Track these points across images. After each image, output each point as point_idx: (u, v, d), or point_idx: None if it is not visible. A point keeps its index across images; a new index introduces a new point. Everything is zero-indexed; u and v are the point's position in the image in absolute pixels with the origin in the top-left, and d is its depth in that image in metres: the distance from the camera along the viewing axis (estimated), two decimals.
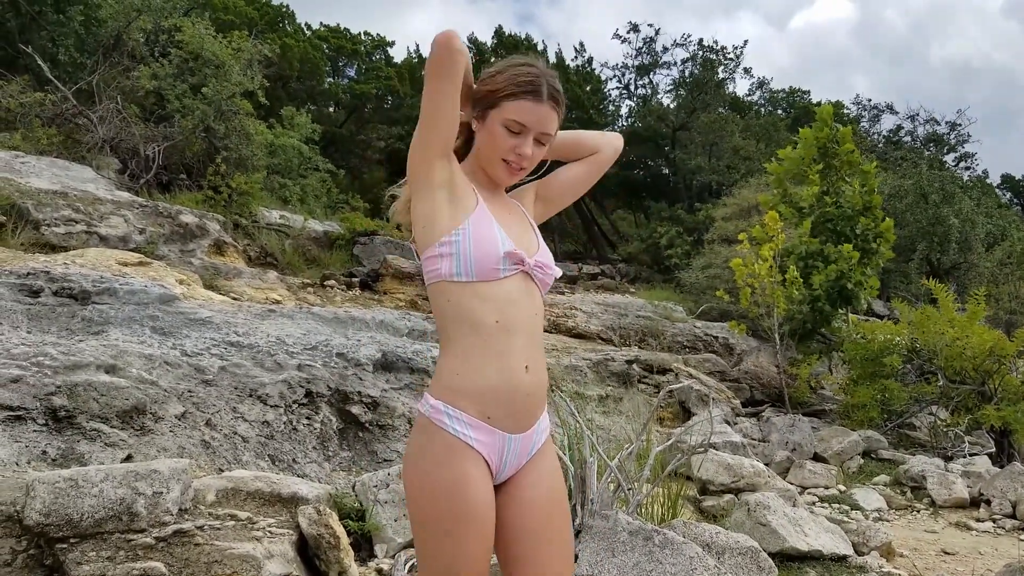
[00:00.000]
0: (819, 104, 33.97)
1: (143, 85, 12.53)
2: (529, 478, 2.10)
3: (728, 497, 5.94)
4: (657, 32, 30.15)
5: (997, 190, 36.99)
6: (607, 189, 29.28)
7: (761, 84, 34.00)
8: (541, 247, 2.18)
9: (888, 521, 6.52)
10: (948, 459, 8.38)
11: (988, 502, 6.77)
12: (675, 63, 29.90)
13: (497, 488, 2.07)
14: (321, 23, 29.18)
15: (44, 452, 4.20)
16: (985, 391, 9.04)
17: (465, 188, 2.09)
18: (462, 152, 2.23)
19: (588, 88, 27.81)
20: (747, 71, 40.29)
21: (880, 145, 30.82)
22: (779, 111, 34.59)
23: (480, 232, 2.01)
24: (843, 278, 10.69)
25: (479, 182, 2.17)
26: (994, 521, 6.47)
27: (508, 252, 2.01)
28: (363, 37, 30.16)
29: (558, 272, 2.18)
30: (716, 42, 29.60)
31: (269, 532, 3.73)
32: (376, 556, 4.23)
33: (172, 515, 3.48)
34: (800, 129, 12.44)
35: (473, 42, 28.69)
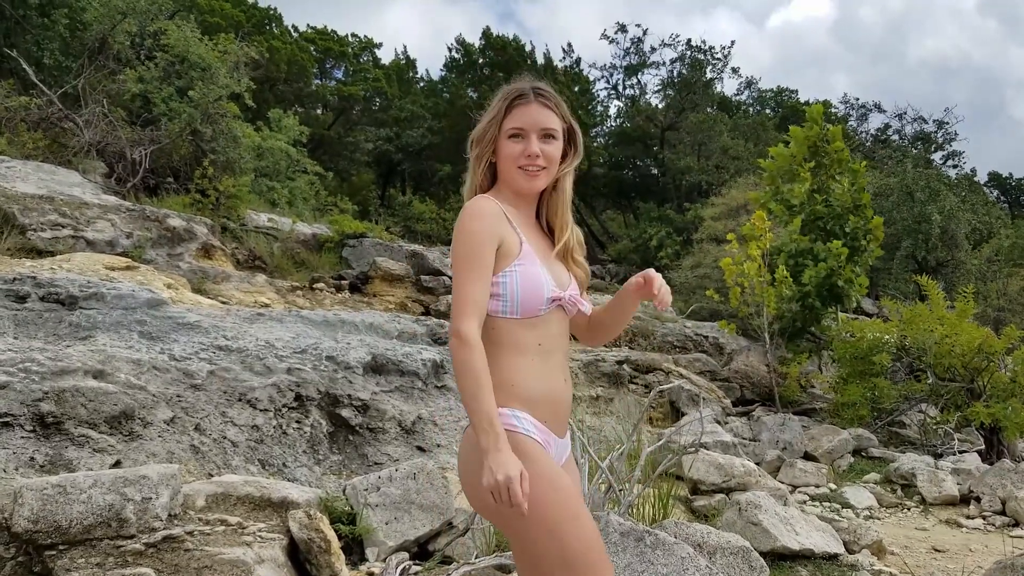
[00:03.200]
0: (808, 103, 34.24)
1: (129, 88, 12.47)
2: None
3: (719, 497, 5.94)
4: (645, 32, 30.24)
5: (985, 188, 37.14)
6: (596, 190, 29.33)
7: (749, 84, 34.14)
8: (572, 283, 2.28)
9: (879, 519, 6.54)
10: (938, 456, 8.41)
11: (978, 499, 6.80)
12: (663, 63, 29.98)
13: None
14: (308, 25, 29.15)
15: (32, 459, 4.17)
16: (974, 388, 9.07)
17: (509, 231, 2.17)
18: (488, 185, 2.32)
19: (576, 89, 27.83)
20: (735, 71, 40.46)
21: (868, 144, 30.94)
22: (767, 110, 34.70)
23: (529, 274, 2.13)
24: (833, 275, 10.71)
25: (515, 208, 2.26)
26: (984, 518, 6.50)
27: (552, 297, 2.16)
28: (350, 39, 30.13)
29: (588, 308, 2.31)
30: (704, 42, 29.69)
31: (259, 537, 3.71)
32: (367, 560, 4.21)
33: (161, 521, 3.46)
34: (790, 127, 12.47)
35: (461, 43, 28.69)
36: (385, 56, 32.60)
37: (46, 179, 9.61)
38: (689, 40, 30.43)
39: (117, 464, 4.36)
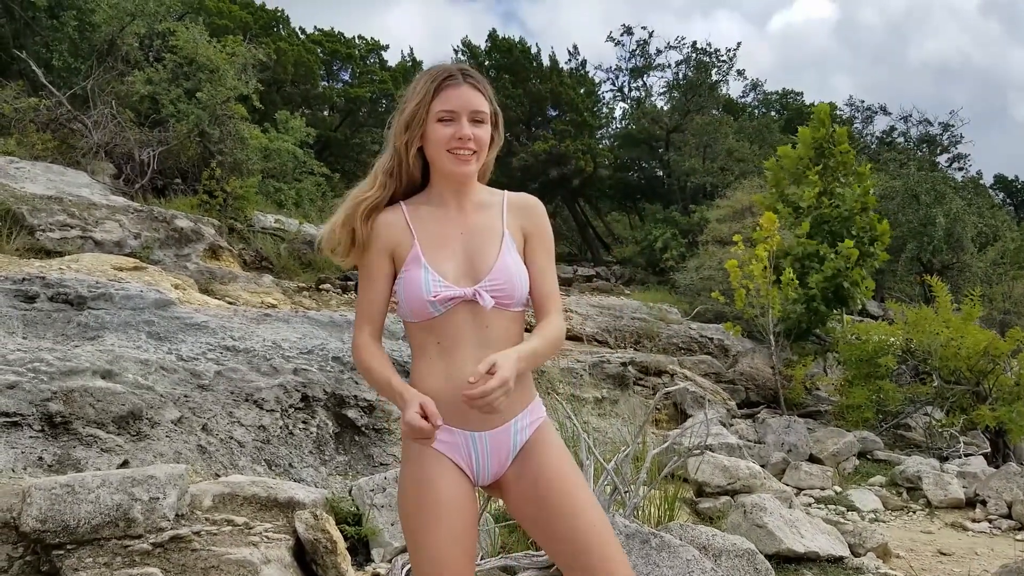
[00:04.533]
0: (813, 106, 34.17)
1: (137, 90, 12.50)
2: (520, 473, 2.17)
3: (724, 499, 5.95)
4: (651, 35, 30.26)
5: (990, 191, 37.04)
6: (602, 192, 29.33)
7: (755, 86, 34.10)
8: (496, 265, 2.14)
9: (884, 522, 6.54)
10: (943, 460, 8.40)
11: (984, 502, 6.79)
12: (669, 65, 29.98)
13: (499, 486, 2.22)
14: (315, 27, 29.16)
15: (40, 458, 4.19)
16: (980, 391, 9.06)
17: (403, 237, 2.18)
18: (420, 180, 2.30)
19: (582, 91, 27.84)
20: (740, 73, 40.43)
21: (873, 146, 30.88)
22: (772, 113, 34.65)
23: (409, 279, 2.13)
24: (839, 276, 10.70)
25: (440, 201, 2.24)
26: (990, 521, 6.49)
27: (432, 299, 2.08)
28: (357, 41, 30.15)
29: (489, 301, 2.09)
30: (709, 44, 29.70)
31: (266, 537, 3.73)
32: (373, 560, 4.23)
33: (169, 521, 3.48)
34: (799, 128, 12.46)
35: (467, 46, 28.71)
36: (391, 58, 32.55)
37: (55, 180, 9.65)
38: (695, 42, 30.46)
39: (125, 464, 4.39)
